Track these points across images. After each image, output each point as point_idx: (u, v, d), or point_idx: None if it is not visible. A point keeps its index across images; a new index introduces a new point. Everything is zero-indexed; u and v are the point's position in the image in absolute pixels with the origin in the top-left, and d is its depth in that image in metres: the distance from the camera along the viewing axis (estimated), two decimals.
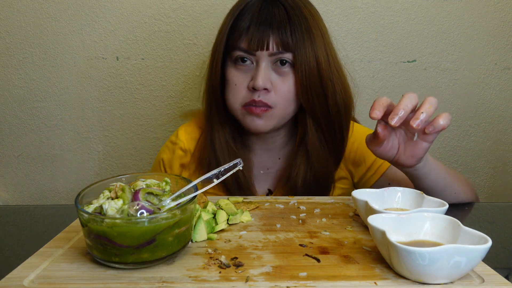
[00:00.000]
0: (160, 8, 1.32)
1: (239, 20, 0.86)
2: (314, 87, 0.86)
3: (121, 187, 0.59)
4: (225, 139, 0.92)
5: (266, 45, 0.83)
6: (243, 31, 0.85)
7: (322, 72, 0.85)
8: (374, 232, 0.53)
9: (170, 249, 0.54)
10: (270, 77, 0.85)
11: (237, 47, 0.85)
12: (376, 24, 1.35)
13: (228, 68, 0.89)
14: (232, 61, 0.88)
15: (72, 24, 1.32)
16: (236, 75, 0.87)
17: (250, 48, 0.84)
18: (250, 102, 0.85)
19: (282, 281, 0.50)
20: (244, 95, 0.86)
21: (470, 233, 0.52)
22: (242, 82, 0.86)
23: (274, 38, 0.83)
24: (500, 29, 1.37)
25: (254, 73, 0.85)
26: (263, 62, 0.84)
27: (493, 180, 1.48)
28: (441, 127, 0.68)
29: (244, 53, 0.85)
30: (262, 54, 0.84)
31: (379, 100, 0.70)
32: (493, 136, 1.45)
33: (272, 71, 0.86)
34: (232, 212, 0.70)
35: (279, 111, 0.87)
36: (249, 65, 0.86)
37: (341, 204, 0.80)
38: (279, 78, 0.86)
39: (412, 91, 0.72)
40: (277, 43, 0.84)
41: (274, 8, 0.85)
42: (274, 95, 0.86)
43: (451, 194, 0.87)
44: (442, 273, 0.48)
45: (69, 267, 0.54)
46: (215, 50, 0.90)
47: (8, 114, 1.38)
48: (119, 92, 1.37)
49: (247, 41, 0.84)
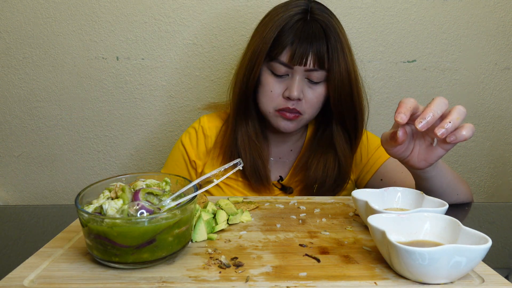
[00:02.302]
0: (160, 8, 1.32)
1: (283, 34, 0.92)
2: (344, 96, 0.95)
3: (121, 187, 0.59)
4: (248, 133, 1.00)
5: (305, 62, 0.91)
6: (286, 46, 0.92)
7: (352, 84, 0.95)
8: (374, 232, 0.53)
9: (170, 249, 0.54)
10: (303, 88, 0.94)
11: (278, 59, 0.93)
12: (376, 24, 1.35)
13: (264, 74, 0.96)
14: (269, 69, 0.95)
15: (72, 24, 1.32)
16: (272, 83, 0.95)
17: (290, 63, 0.92)
18: (284, 108, 0.94)
19: (282, 281, 0.50)
20: (279, 102, 0.95)
21: (470, 233, 0.52)
22: (277, 90, 0.95)
23: (312, 56, 0.91)
24: (500, 29, 1.37)
25: (289, 84, 0.94)
26: (298, 75, 0.93)
27: (493, 180, 1.48)
28: (463, 138, 0.66)
29: (283, 66, 0.93)
30: (299, 68, 0.92)
31: (406, 103, 0.67)
32: (493, 136, 1.45)
33: (304, 83, 0.95)
34: (232, 212, 0.70)
35: (307, 116, 0.97)
36: (285, 76, 0.95)
37: (341, 204, 0.80)
38: (310, 90, 0.95)
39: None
40: (314, 60, 0.92)
41: (314, 26, 0.92)
42: (304, 103, 0.95)
43: (453, 195, 0.87)
44: (442, 273, 0.48)
45: (69, 267, 0.54)
46: (255, 57, 0.95)
47: (8, 114, 1.38)
48: (119, 92, 1.37)
49: (289, 56, 0.92)
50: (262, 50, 0.93)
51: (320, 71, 0.93)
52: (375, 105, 1.40)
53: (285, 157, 1.07)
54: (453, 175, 0.87)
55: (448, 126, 0.65)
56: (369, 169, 1.03)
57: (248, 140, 1.00)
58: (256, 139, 1.01)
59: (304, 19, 0.92)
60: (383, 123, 1.41)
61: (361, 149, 1.04)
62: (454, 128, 0.66)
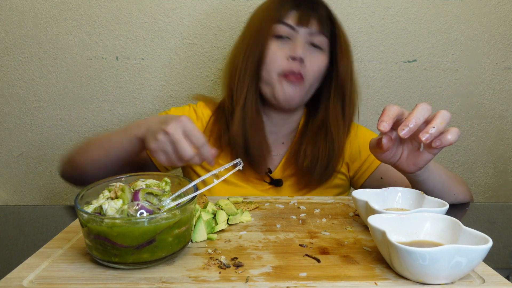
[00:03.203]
0: (160, 8, 1.32)
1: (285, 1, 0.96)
2: (349, 73, 0.99)
3: (121, 187, 0.58)
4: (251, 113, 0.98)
5: (309, 23, 0.94)
6: (291, 8, 0.95)
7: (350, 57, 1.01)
8: (374, 232, 0.52)
9: (170, 249, 0.54)
10: (306, 52, 0.95)
11: (282, 22, 0.95)
12: (376, 24, 1.35)
13: (269, 42, 0.96)
14: (272, 35, 0.96)
15: (72, 24, 1.32)
16: (275, 46, 0.95)
17: (295, 23, 0.94)
18: (288, 71, 0.94)
19: (282, 281, 0.50)
20: (282, 64, 0.95)
21: (470, 233, 0.52)
22: (280, 53, 0.95)
23: (315, 19, 0.95)
24: (500, 28, 1.37)
25: (293, 45, 0.95)
26: (302, 37, 0.95)
27: (493, 180, 1.48)
28: (449, 142, 0.67)
29: (288, 28, 0.95)
30: (303, 30, 0.95)
31: (389, 110, 0.68)
32: (494, 136, 1.45)
33: (307, 48, 0.96)
34: (232, 212, 0.70)
35: (307, 84, 0.97)
36: (287, 40, 0.96)
37: (341, 204, 0.80)
38: (311, 56, 0.96)
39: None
40: (317, 23, 0.95)
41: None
42: (307, 67, 0.95)
43: (450, 196, 0.87)
44: (443, 273, 0.48)
45: (68, 268, 0.54)
46: (260, 25, 0.97)
47: (8, 114, 1.38)
48: (119, 92, 1.37)
49: (294, 17, 0.94)
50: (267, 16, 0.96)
51: (322, 36, 0.96)
52: (375, 105, 1.40)
53: (276, 150, 1.05)
54: (447, 175, 0.87)
55: (432, 131, 0.66)
56: (368, 166, 1.01)
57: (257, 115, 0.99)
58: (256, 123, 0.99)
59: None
60: None
61: (359, 145, 1.03)
62: (439, 132, 0.66)
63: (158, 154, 0.73)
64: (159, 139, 0.72)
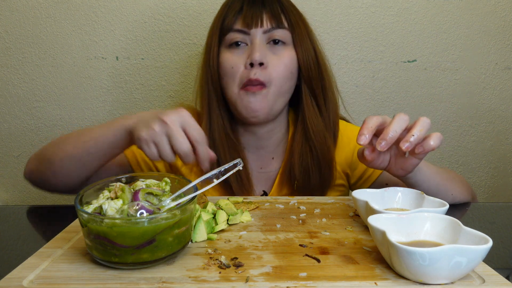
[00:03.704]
0: (160, 8, 1.32)
1: (231, 6, 0.90)
2: (312, 61, 0.91)
3: (120, 187, 0.58)
4: (225, 130, 0.93)
5: (261, 22, 0.87)
6: (237, 12, 0.88)
7: (317, 51, 0.93)
8: (374, 232, 0.52)
9: (170, 249, 0.54)
10: (265, 53, 0.88)
11: (231, 29, 0.88)
12: (376, 24, 1.35)
13: (222, 54, 0.90)
14: (226, 46, 0.90)
15: (72, 24, 1.32)
16: (231, 57, 0.89)
17: (244, 26, 0.87)
18: (246, 82, 0.87)
19: (282, 281, 0.50)
20: (242, 75, 0.88)
21: (470, 233, 0.52)
22: (238, 63, 0.88)
23: (267, 15, 0.88)
24: (500, 28, 1.37)
25: (249, 51, 0.88)
26: (257, 38, 0.88)
27: (493, 180, 1.48)
28: (431, 148, 0.67)
29: (239, 34, 0.88)
30: (256, 31, 0.87)
31: (368, 123, 0.68)
32: (494, 136, 1.45)
33: (267, 50, 0.88)
34: (232, 212, 0.70)
35: (274, 89, 0.88)
36: (243, 47, 0.89)
37: (341, 204, 0.80)
38: (274, 56, 0.89)
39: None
40: (271, 20, 0.88)
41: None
42: (268, 71, 0.87)
43: (447, 196, 0.86)
44: (443, 273, 0.48)
45: (68, 268, 0.54)
46: (210, 39, 0.93)
47: (7, 114, 1.38)
48: (119, 92, 1.37)
49: (241, 20, 0.87)
50: (215, 28, 0.91)
51: (281, 30, 0.88)
52: (375, 105, 1.40)
53: (267, 167, 0.97)
54: (443, 176, 0.85)
55: (412, 139, 0.66)
56: (372, 172, 0.95)
57: (226, 138, 0.92)
58: (234, 138, 0.93)
59: None
60: None
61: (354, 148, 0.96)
62: (419, 140, 0.67)
63: (148, 145, 0.66)
64: (153, 128, 0.65)
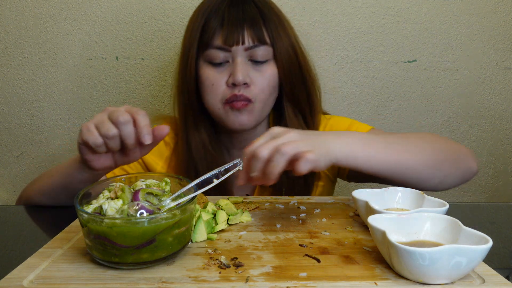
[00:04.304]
0: (160, 8, 1.32)
1: (210, 19, 0.86)
2: (295, 75, 0.89)
3: (120, 187, 0.58)
4: (202, 142, 0.91)
5: (242, 40, 0.84)
6: (217, 28, 0.85)
7: (300, 60, 0.89)
8: (375, 232, 0.52)
9: (170, 249, 0.54)
10: (248, 72, 0.85)
11: (211, 45, 0.85)
12: (376, 24, 1.35)
13: (202, 69, 0.88)
14: (206, 61, 0.87)
15: (72, 24, 1.32)
16: (212, 74, 0.86)
17: (225, 44, 0.84)
18: (231, 97, 0.85)
19: (282, 281, 0.50)
20: (224, 92, 0.86)
21: (470, 233, 0.52)
22: (219, 81, 0.86)
23: (249, 33, 0.84)
24: (500, 29, 1.37)
25: (232, 70, 0.85)
26: (239, 57, 0.85)
27: (493, 180, 1.48)
28: (301, 174, 0.61)
29: (220, 51, 0.85)
30: (237, 49, 0.84)
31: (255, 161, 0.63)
32: (494, 136, 1.45)
33: (249, 66, 0.86)
34: (232, 212, 0.70)
35: (259, 105, 0.88)
36: (224, 64, 0.86)
37: (341, 204, 0.80)
38: (257, 73, 0.87)
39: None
40: (252, 37, 0.84)
41: (245, 6, 0.86)
42: (253, 89, 0.86)
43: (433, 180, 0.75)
44: (443, 273, 0.48)
45: (68, 268, 0.54)
46: (186, 51, 0.89)
47: (8, 114, 1.38)
48: (119, 92, 1.37)
49: (222, 38, 0.84)
50: (193, 40, 0.87)
51: (262, 46, 0.85)
52: (375, 105, 1.40)
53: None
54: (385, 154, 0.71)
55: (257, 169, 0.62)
56: None
57: (203, 149, 0.91)
58: (212, 149, 0.92)
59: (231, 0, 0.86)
60: (384, 123, 1.41)
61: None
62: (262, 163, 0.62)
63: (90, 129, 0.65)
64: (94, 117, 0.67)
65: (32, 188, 0.90)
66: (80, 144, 0.68)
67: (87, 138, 0.65)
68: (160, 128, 0.67)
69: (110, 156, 0.70)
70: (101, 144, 0.65)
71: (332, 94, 1.38)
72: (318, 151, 0.63)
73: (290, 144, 0.61)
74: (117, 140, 0.65)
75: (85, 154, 0.68)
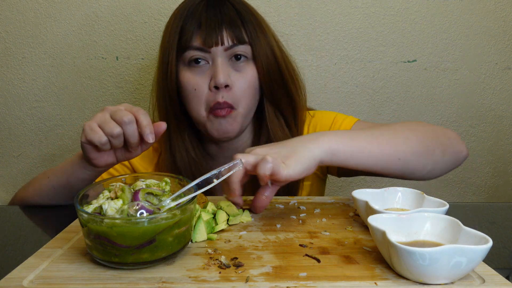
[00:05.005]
0: (160, 8, 1.32)
1: (187, 22, 0.84)
2: (274, 76, 0.87)
3: (120, 187, 0.58)
4: (185, 149, 0.90)
5: (221, 40, 0.82)
6: (194, 29, 0.83)
7: (279, 61, 0.88)
8: (375, 232, 0.52)
9: (170, 249, 0.54)
10: (229, 73, 0.84)
11: (190, 47, 0.83)
12: (376, 24, 1.35)
13: (182, 73, 0.86)
14: (186, 64, 0.85)
15: (72, 24, 1.32)
16: (192, 78, 0.85)
17: (204, 45, 0.82)
18: (214, 105, 0.84)
19: (282, 281, 0.50)
20: (208, 98, 0.84)
21: (470, 233, 0.52)
22: (201, 85, 0.84)
23: (228, 33, 0.83)
24: (501, 29, 1.37)
25: (212, 72, 0.84)
26: (219, 58, 0.83)
27: (493, 180, 1.48)
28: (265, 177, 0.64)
29: (199, 52, 0.83)
30: (217, 50, 0.83)
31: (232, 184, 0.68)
32: (494, 136, 1.45)
33: (230, 68, 0.85)
34: (234, 213, 0.70)
35: (243, 110, 0.87)
36: (204, 65, 0.85)
37: (341, 204, 0.80)
38: (238, 74, 0.85)
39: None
40: (231, 37, 0.83)
41: (223, 7, 0.85)
42: (235, 92, 0.85)
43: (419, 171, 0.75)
44: (443, 273, 0.48)
45: (68, 268, 0.54)
46: (166, 56, 0.87)
47: (8, 114, 1.38)
48: (119, 92, 1.37)
49: (201, 39, 0.82)
50: (172, 44, 0.85)
51: (242, 46, 0.84)
52: (375, 105, 1.40)
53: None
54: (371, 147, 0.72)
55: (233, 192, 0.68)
56: None
57: (187, 156, 0.90)
58: (195, 156, 0.91)
59: (208, 2, 0.85)
60: (383, 123, 1.41)
61: (316, 128, 0.95)
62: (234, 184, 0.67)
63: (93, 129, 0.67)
64: (95, 116, 0.68)
65: (27, 191, 0.90)
66: (83, 143, 0.70)
67: (92, 137, 0.67)
68: (158, 124, 0.69)
69: (113, 153, 0.73)
70: (106, 142, 0.68)
71: (332, 94, 1.38)
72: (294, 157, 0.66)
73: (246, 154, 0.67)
74: (121, 138, 0.68)
75: (89, 153, 0.71)
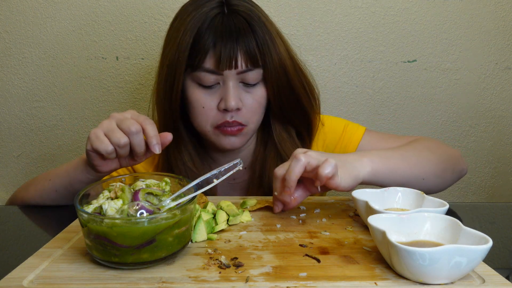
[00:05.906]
0: (160, 8, 1.32)
1: (200, 39, 0.79)
2: (285, 94, 0.85)
3: (120, 187, 0.58)
4: (182, 161, 0.89)
5: (235, 64, 0.79)
6: (209, 49, 0.79)
7: (291, 77, 0.85)
8: (375, 232, 0.52)
9: (170, 249, 0.54)
10: (239, 95, 0.82)
11: (202, 68, 0.80)
12: (376, 24, 1.35)
13: (191, 89, 0.83)
14: (195, 81, 0.82)
15: (72, 24, 1.32)
16: (202, 97, 0.82)
17: (218, 69, 0.79)
18: (223, 123, 0.82)
19: (282, 281, 0.50)
20: (215, 117, 0.83)
21: (470, 233, 0.52)
22: (210, 104, 0.82)
23: (242, 55, 0.79)
24: (500, 28, 1.37)
25: (223, 94, 0.81)
26: (231, 81, 0.80)
27: (493, 180, 1.48)
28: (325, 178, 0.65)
29: (210, 74, 0.80)
30: (230, 73, 0.80)
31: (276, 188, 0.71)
32: (494, 136, 1.45)
33: (240, 89, 0.83)
34: (234, 213, 0.70)
35: (252, 126, 0.86)
36: (215, 86, 0.82)
37: (341, 204, 0.80)
38: (248, 95, 0.83)
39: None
40: (245, 60, 0.80)
41: (236, 20, 0.80)
42: (245, 113, 0.83)
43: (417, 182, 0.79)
44: (443, 273, 0.48)
45: (68, 268, 0.54)
46: (172, 70, 0.82)
47: (8, 114, 1.38)
48: (119, 92, 1.37)
49: (215, 61, 0.79)
50: (180, 61, 0.80)
51: (254, 70, 0.81)
52: (375, 105, 1.40)
53: (240, 178, 0.94)
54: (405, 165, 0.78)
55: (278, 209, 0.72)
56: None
57: (185, 170, 0.88)
58: (193, 166, 0.89)
59: (221, 13, 0.80)
60: (383, 123, 1.41)
61: (326, 137, 0.94)
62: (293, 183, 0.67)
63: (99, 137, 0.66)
64: (102, 124, 0.67)
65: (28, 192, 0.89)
66: (89, 151, 0.69)
67: (98, 146, 0.66)
68: (164, 135, 0.69)
69: (117, 160, 0.73)
70: (112, 151, 0.67)
71: (332, 94, 1.38)
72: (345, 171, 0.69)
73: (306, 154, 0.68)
74: (127, 148, 0.67)
75: (94, 160, 0.71)
